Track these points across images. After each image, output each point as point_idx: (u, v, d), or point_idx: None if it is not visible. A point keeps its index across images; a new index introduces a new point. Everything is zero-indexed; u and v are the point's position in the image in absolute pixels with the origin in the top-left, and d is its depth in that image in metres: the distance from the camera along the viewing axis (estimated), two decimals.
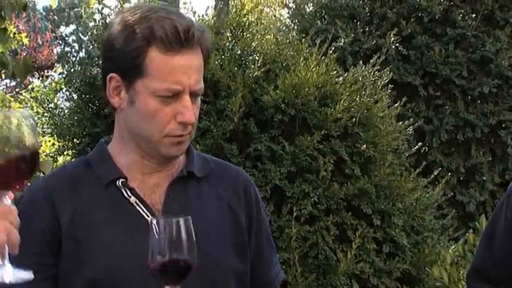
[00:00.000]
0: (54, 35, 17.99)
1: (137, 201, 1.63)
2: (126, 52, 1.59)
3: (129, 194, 1.64)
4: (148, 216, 1.61)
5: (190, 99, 1.59)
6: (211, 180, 1.74)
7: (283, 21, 8.49)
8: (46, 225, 1.60)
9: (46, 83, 13.06)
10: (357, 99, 4.20)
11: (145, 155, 1.66)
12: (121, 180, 1.64)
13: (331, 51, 4.45)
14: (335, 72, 4.31)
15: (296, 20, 7.87)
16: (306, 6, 7.94)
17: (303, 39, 4.48)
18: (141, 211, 1.62)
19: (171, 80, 1.57)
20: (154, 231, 1.42)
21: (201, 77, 1.62)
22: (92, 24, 4.75)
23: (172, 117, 1.59)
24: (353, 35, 7.06)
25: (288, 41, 4.53)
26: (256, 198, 1.80)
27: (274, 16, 9.99)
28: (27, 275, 1.32)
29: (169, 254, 1.41)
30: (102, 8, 4.75)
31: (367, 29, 7.48)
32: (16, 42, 4.52)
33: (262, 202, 1.84)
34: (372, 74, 4.50)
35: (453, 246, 4.93)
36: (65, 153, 4.43)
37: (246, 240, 1.73)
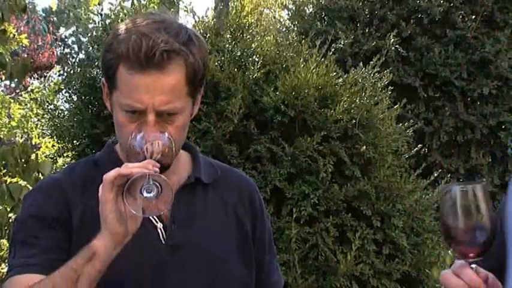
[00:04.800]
0: (54, 37, 17.99)
1: None
2: (104, 62, 1.62)
3: None
4: (157, 222, 1.62)
5: (154, 119, 1.56)
6: (218, 187, 1.74)
7: (283, 23, 8.48)
8: (60, 214, 1.61)
9: (46, 85, 13.06)
10: (357, 100, 4.20)
11: None
12: None
13: (330, 53, 4.45)
14: (335, 73, 4.31)
15: (296, 22, 7.87)
16: (305, 8, 7.94)
17: (303, 41, 4.47)
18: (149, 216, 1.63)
19: (133, 98, 1.56)
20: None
21: (175, 97, 1.58)
22: (91, 25, 4.75)
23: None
24: (353, 37, 7.07)
25: (287, 42, 4.53)
26: (260, 206, 1.81)
27: (274, 17, 9.98)
28: None
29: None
30: (102, 10, 4.75)
31: (366, 30, 7.48)
32: (16, 43, 4.52)
33: (266, 209, 1.85)
34: (372, 75, 4.50)
35: None
36: (65, 154, 4.43)
37: (251, 247, 1.74)
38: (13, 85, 13.60)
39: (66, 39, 25.75)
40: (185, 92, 1.60)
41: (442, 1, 7.54)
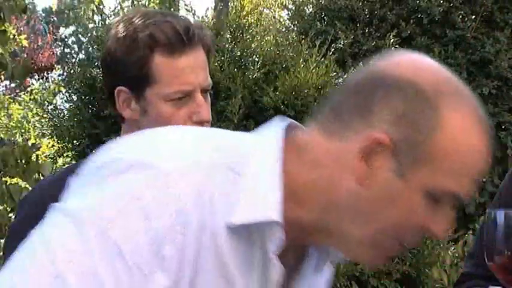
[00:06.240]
0: (54, 37, 17.99)
1: None
2: (130, 63, 1.58)
3: None
4: None
5: (202, 98, 1.60)
6: None
7: (283, 23, 8.48)
8: None
9: (45, 85, 13.07)
10: None
11: None
12: None
13: (330, 53, 4.45)
14: (335, 73, 4.31)
15: (296, 22, 7.87)
16: (305, 8, 7.94)
17: (303, 41, 4.48)
18: None
19: (180, 82, 1.57)
20: None
21: (207, 72, 1.63)
22: (91, 25, 4.76)
23: (188, 119, 1.59)
24: (352, 37, 7.07)
25: (287, 42, 4.54)
26: None
27: (274, 17, 9.98)
28: None
29: None
30: (102, 9, 4.76)
31: (366, 30, 7.48)
32: (16, 44, 4.52)
33: None
34: None
35: (453, 248, 4.92)
36: (65, 154, 4.43)
37: None
38: (13, 85, 13.61)
39: (66, 39, 25.75)
40: (208, 69, 1.65)
41: (442, 1, 7.53)
